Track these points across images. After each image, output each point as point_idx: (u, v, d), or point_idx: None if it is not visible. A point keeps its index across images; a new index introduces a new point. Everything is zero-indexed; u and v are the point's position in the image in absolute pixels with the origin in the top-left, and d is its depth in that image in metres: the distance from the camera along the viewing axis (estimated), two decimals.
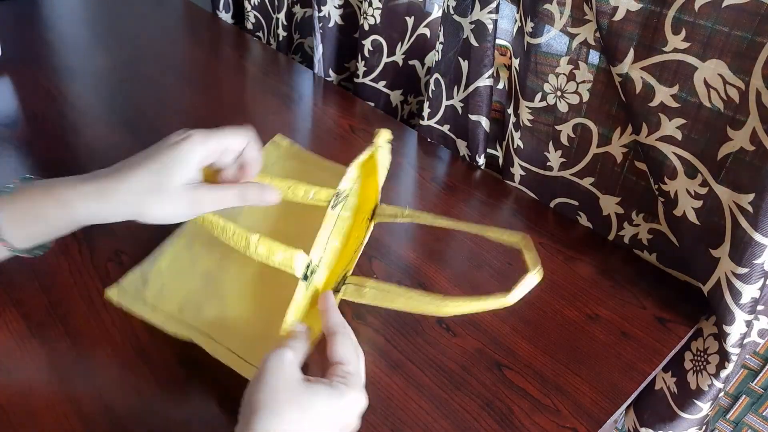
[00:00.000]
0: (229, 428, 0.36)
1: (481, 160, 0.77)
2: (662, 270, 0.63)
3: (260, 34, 1.10)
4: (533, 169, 0.70)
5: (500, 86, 0.78)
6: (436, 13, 0.84)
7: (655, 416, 0.66)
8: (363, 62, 0.88)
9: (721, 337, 0.55)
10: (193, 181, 0.44)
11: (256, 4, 1.07)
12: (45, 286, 0.55)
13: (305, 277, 0.45)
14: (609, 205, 0.65)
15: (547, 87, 0.64)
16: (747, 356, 0.71)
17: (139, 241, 0.58)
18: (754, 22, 0.47)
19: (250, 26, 1.10)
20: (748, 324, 0.54)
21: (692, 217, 0.56)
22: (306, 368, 0.41)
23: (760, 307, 0.56)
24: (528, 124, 0.68)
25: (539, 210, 0.71)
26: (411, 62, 0.88)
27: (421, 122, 0.81)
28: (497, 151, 0.80)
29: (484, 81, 0.71)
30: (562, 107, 0.64)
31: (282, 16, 1.00)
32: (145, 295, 0.53)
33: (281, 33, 1.03)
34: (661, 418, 0.65)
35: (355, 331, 0.54)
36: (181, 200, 0.43)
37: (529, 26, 0.62)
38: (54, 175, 0.46)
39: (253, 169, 0.48)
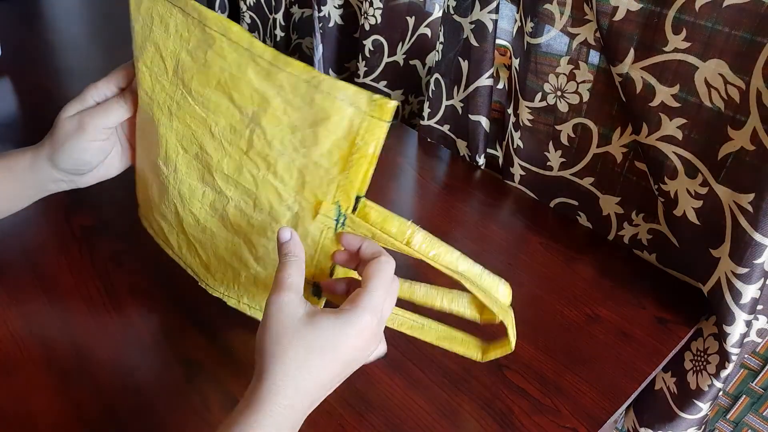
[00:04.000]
0: None
1: (481, 160, 0.77)
2: (662, 270, 0.63)
3: (256, 34, 1.10)
4: (533, 169, 0.70)
5: (500, 86, 0.78)
6: (437, 13, 0.84)
7: (654, 416, 0.66)
8: (364, 62, 0.88)
9: (721, 337, 0.55)
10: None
11: (252, 4, 1.07)
12: (45, 286, 0.55)
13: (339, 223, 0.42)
14: (609, 205, 0.65)
15: (547, 87, 0.64)
16: (747, 356, 0.71)
17: (139, 240, 0.58)
18: (755, 22, 0.47)
19: (245, 26, 1.10)
20: (748, 324, 0.54)
21: (692, 217, 0.56)
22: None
23: (759, 307, 0.56)
24: (528, 124, 0.68)
25: (539, 210, 0.71)
26: (412, 62, 0.88)
27: (421, 122, 0.81)
28: (497, 151, 0.80)
29: (484, 81, 0.71)
30: (562, 107, 0.64)
31: (280, 16, 1.00)
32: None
33: (279, 33, 1.02)
34: (661, 418, 0.65)
35: None
36: (69, 123, 0.47)
37: (529, 26, 0.62)
38: None
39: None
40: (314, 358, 0.36)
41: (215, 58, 0.42)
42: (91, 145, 0.48)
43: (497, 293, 0.44)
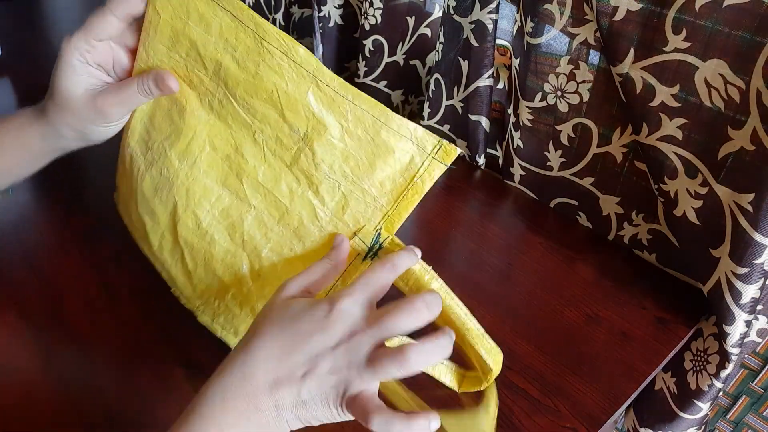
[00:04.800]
0: None
1: (481, 160, 0.77)
2: (662, 270, 0.63)
3: None
4: (533, 169, 0.70)
5: (500, 86, 0.78)
6: (437, 13, 0.84)
7: (654, 416, 0.66)
8: (364, 62, 0.87)
9: (721, 337, 0.55)
10: (94, 86, 0.44)
11: (251, 4, 1.07)
12: (45, 287, 0.55)
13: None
14: (609, 205, 0.65)
15: (547, 87, 0.64)
16: (747, 356, 0.71)
17: None
18: (755, 22, 0.47)
19: None
20: (748, 324, 0.54)
21: (692, 217, 0.56)
22: None
23: (759, 307, 0.56)
24: (528, 124, 0.68)
25: (539, 210, 0.71)
26: (412, 62, 0.88)
27: (422, 122, 0.81)
28: (497, 151, 0.80)
29: (484, 81, 0.71)
30: (562, 107, 0.64)
31: (279, 16, 1.00)
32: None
33: None
34: (661, 419, 0.65)
35: None
36: (86, 109, 0.44)
37: (529, 26, 0.62)
38: (54, 175, 0.46)
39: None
40: (274, 330, 0.35)
41: (269, 72, 0.41)
42: (117, 125, 0.47)
43: (493, 357, 0.42)
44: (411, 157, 0.40)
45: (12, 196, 0.50)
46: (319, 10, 0.90)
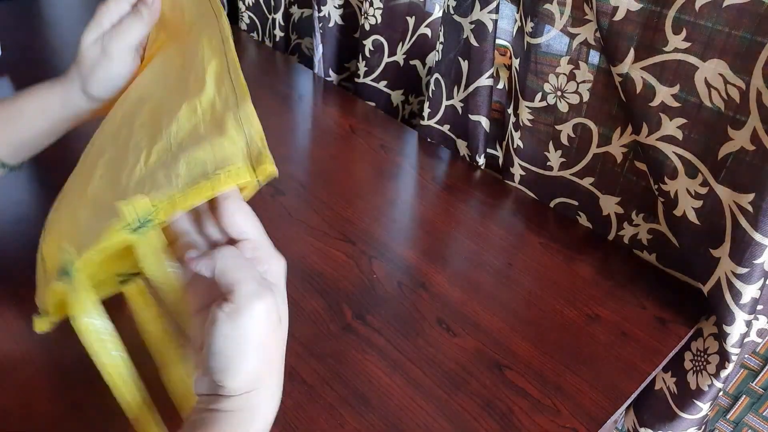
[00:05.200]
0: None
1: (481, 160, 0.77)
2: (662, 270, 0.63)
3: (254, 34, 1.10)
4: (533, 169, 0.70)
5: (500, 86, 0.78)
6: (437, 13, 0.84)
7: (654, 416, 0.66)
8: (364, 62, 0.88)
9: (721, 337, 0.55)
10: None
11: (251, 4, 1.07)
12: None
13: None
14: (609, 205, 0.65)
15: (547, 87, 0.64)
16: (747, 356, 0.71)
17: None
18: (755, 22, 0.47)
19: (243, 27, 1.10)
20: (748, 324, 0.54)
21: (692, 217, 0.56)
22: None
23: (759, 307, 0.56)
24: (528, 124, 0.68)
25: (539, 210, 0.71)
26: (412, 62, 0.88)
27: (422, 122, 0.81)
28: (497, 151, 0.80)
29: (484, 81, 0.71)
30: (562, 107, 0.64)
31: (279, 16, 1.00)
32: None
33: (278, 33, 1.02)
34: (661, 418, 0.65)
35: (354, 331, 0.54)
36: (96, 47, 0.47)
37: (529, 26, 0.62)
38: (54, 174, 0.46)
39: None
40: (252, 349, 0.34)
41: (208, 36, 0.44)
42: (119, 69, 0.48)
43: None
44: (233, 152, 0.37)
45: (17, 172, 0.50)
46: (319, 10, 0.90)
